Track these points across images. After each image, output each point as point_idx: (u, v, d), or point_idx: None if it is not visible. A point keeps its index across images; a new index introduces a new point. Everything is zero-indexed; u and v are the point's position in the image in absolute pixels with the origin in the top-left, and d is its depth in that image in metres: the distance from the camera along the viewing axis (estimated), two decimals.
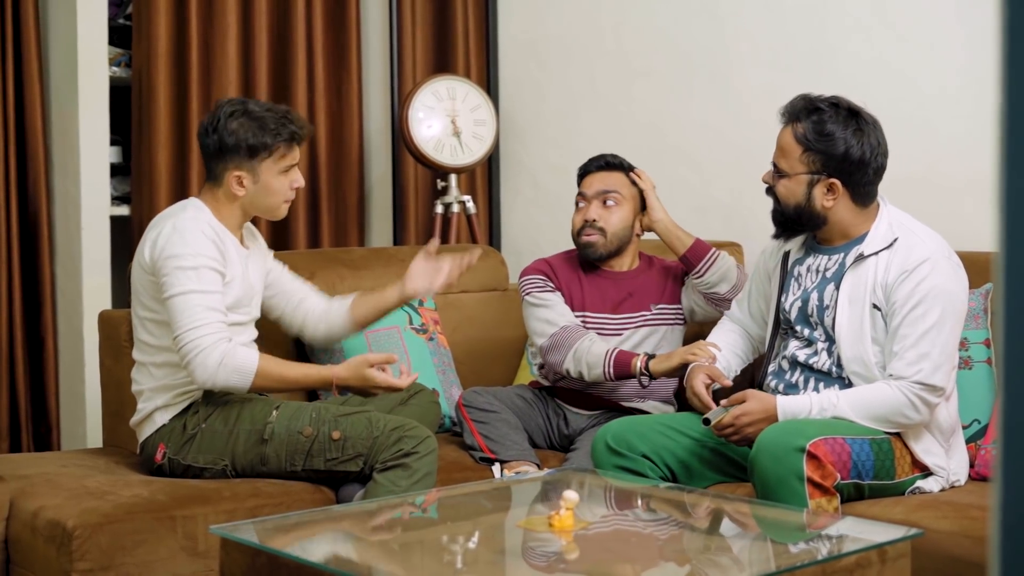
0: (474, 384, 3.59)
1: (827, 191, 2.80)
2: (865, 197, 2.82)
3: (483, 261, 3.98)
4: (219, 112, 2.98)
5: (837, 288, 2.82)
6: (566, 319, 3.33)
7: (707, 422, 2.78)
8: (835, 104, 2.80)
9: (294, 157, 3.02)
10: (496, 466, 3.20)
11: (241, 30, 4.24)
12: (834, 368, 2.82)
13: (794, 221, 2.85)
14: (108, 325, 3.33)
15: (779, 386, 2.89)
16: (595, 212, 3.37)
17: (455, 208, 4.32)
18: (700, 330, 3.45)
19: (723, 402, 2.82)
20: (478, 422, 3.29)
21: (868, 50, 3.58)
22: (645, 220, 3.42)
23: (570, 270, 3.45)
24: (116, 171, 4.28)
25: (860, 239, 2.83)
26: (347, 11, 4.48)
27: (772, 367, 2.96)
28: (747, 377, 3.22)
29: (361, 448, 2.86)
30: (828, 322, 2.83)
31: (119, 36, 4.29)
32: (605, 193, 3.38)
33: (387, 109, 4.59)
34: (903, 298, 2.72)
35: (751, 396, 2.79)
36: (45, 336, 4.02)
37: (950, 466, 2.78)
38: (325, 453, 2.89)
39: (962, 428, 2.88)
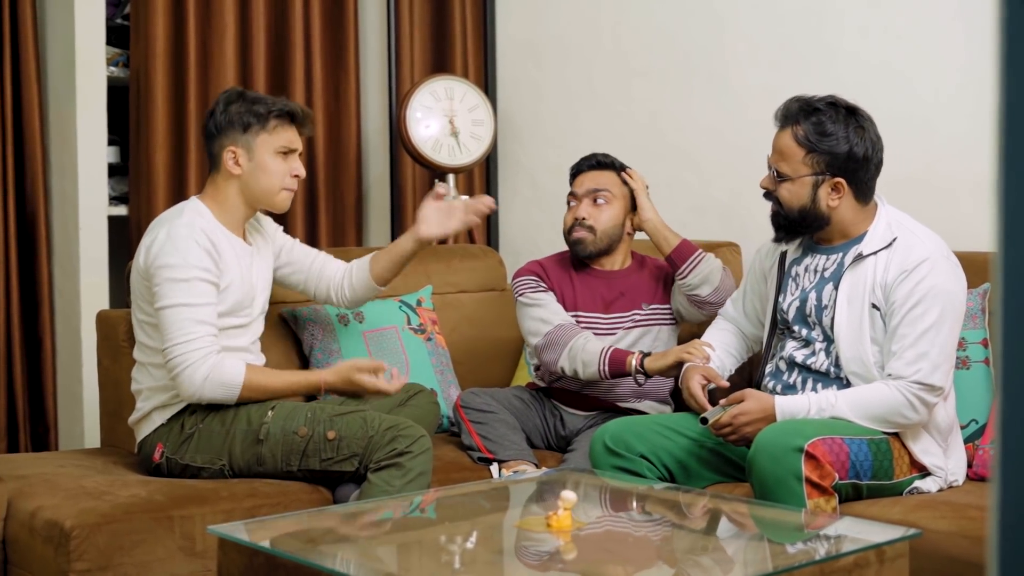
0: (472, 384, 3.59)
1: (832, 191, 2.80)
2: (867, 193, 2.83)
3: (481, 261, 3.98)
4: (221, 98, 3.06)
5: (836, 288, 2.82)
6: (560, 317, 3.34)
7: (704, 422, 2.78)
8: (832, 104, 2.80)
9: (290, 140, 3.05)
10: (494, 466, 3.20)
11: (239, 30, 4.24)
12: (832, 368, 2.82)
13: (797, 223, 2.85)
14: (106, 325, 3.33)
15: (776, 387, 2.89)
16: (585, 211, 3.39)
17: None
18: (696, 330, 3.45)
19: (722, 401, 2.82)
20: (476, 423, 3.29)
21: (867, 50, 3.58)
22: (636, 220, 3.43)
23: (561, 270, 3.46)
24: (114, 171, 4.28)
25: (859, 239, 2.83)
26: (345, 11, 4.47)
27: (769, 368, 2.96)
28: (745, 378, 3.21)
29: (356, 448, 2.86)
30: (827, 322, 2.83)
31: (117, 36, 4.29)
32: (595, 192, 3.40)
33: (385, 109, 4.59)
34: (902, 298, 2.72)
35: (749, 396, 2.79)
36: (43, 336, 4.02)
37: (948, 466, 2.78)
38: (320, 453, 2.89)
39: (960, 428, 2.88)
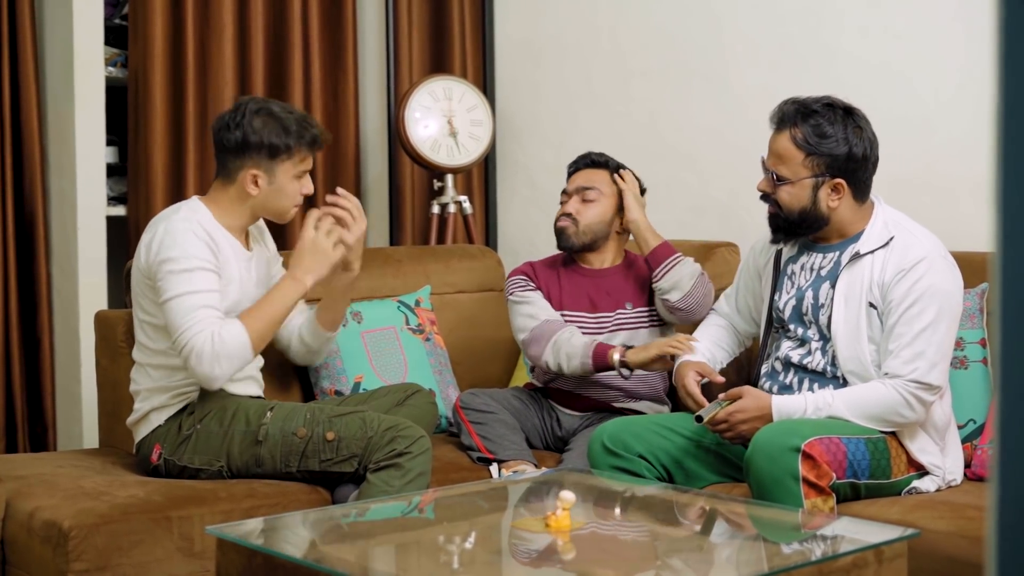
0: (471, 384, 3.59)
1: (831, 192, 2.79)
2: (865, 192, 2.83)
3: (479, 261, 3.98)
4: (243, 108, 2.96)
5: (833, 287, 2.82)
6: (547, 313, 3.36)
7: (699, 419, 2.78)
8: (829, 105, 2.80)
9: (309, 164, 3.03)
10: (494, 466, 3.20)
11: (237, 30, 4.24)
12: (828, 368, 2.82)
13: (797, 225, 2.84)
14: (104, 325, 3.32)
15: (773, 387, 2.89)
16: (573, 207, 3.42)
17: (451, 208, 4.32)
18: (692, 330, 3.44)
19: (720, 396, 2.82)
20: (476, 423, 3.30)
21: (865, 50, 3.58)
22: (623, 220, 3.43)
23: (550, 270, 3.49)
24: (112, 171, 4.28)
25: (855, 237, 2.83)
26: (343, 11, 4.47)
27: (765, 368, 2.96)
28: (743, 378, 3.21)
29: (355, 448, 2.86)
30: (823, 321, 2.83)
31: (115, 36, 4.29)
32: (584, 189, 3.42)
33: (383, 109, 4.59)
34: (900, 297, 2.72)
35: (747, 393, 2.79)
36: (41, 336, 4.02)
37: (945, 464, 2.78)
38: (319, 454, 2.89)
39: (958, 428, 2.88)
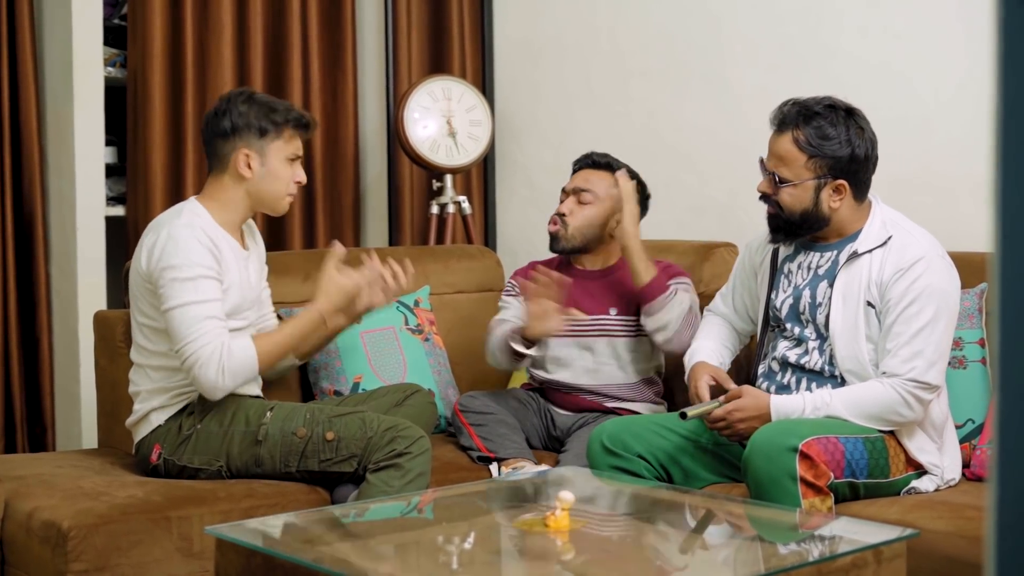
0: (470, 384, 3.60)
1: (833, 192, 2.79)
2: (865, 192, 2.84)
3: (478, 261, 3.98)
4: (229, 97, 3.04)
5: (831, 286, 2.82)
6: (510, 315, 3.40)
7: (683, 415, 2.76)
8: (831, 106, 2.79)
9: (299, 147, 3.06)
10: (494, 465, 3.20)
11: (236, 30, 4.24)
12: (826, 367, 2.82)
13: (798, 226, 2.84)
14: (103, 325, 3.32)
15: (770, 388, 2.89)
16: (567, 207, 3.41)
17: (451, 208, 4.32)
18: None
19: (721, 398, 2.82)
20: (476, 425, 3.30)
21: (864, 50, 3.58)
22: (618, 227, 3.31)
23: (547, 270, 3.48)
24: (111, 171, 4.28)
25: (853, 236, 2.83)
26: (342, 11, 4.47)
27: (762, 368, 2.96)
28: (741, 378, 3.21)
29: (355, 449, 2.86)
30: (821, 320, 2.83)
31: (114, 36, 4.29)
32: (581, 191, 3.41)
33: (383, 109, 4.59)
34: (898, 296, 2.72)
35: (746, 392, 2.78)
36: (40, 336, 4.02)
37: (943, 463, 2.78)
38: (319, 454, 2.89)
39: (956, 428, 2.88)
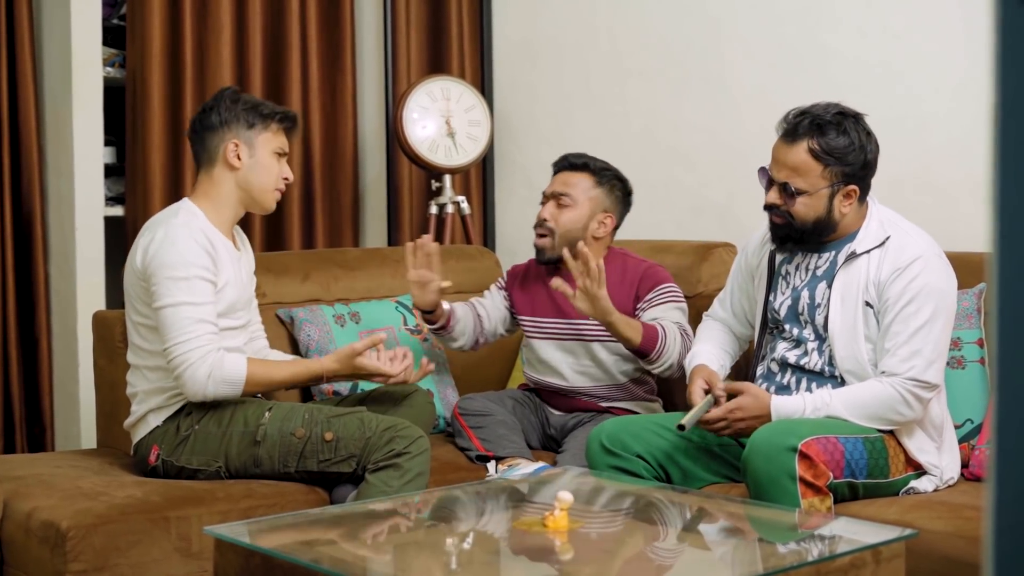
0: (469, 384, 3.60)
1: (844, 198, 2.79)
2: (867, 192, 2.83)
3: (477, 262, 3.98)
4: (216, 95, 3.07)
5: (829, 286, 2.82)
6: (482, 309, 3.48)
7: (681, 428, 2.75)
8: (841, 113, 2.78)
9: (285, 144, 3.08)
10: (491, 463, 3.19)
11: (235, 30, 4.24)
12: (826, 367, 2.82)
13: (809, 234, 2.82)
14: (102, 326, 3.32)
15: (770, 388, 2.88)
16: (548, 212, 3.38)
17: (449, 208, 4.32)
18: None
19: (710, 397, 2.80)
20: (475, 427, 3.30)
21: (863, 51, 3.58)
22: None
23: (531, 273, 3.50)
24: (110, 171, 4.28)
25: (851, 237, 2.83)
26: (341, 11, 4.47)
27: (761, 369, 2.95)
28: (741, 380, 3.20)
29: (354, 449, 2.86)
30: (820, 321, 2.83)
31: (113, 36, 4.28)
32: (559, 195, 3.38)
33: (381, 109, 4.58)
34: (896, 295, 2.72)
35: (748, 391, 2.78)
36: (39, 337, 4.02)
37: (942, 463, 2.78)
38: (318, 454, 2.89)
39: (955, 428, 2.88)
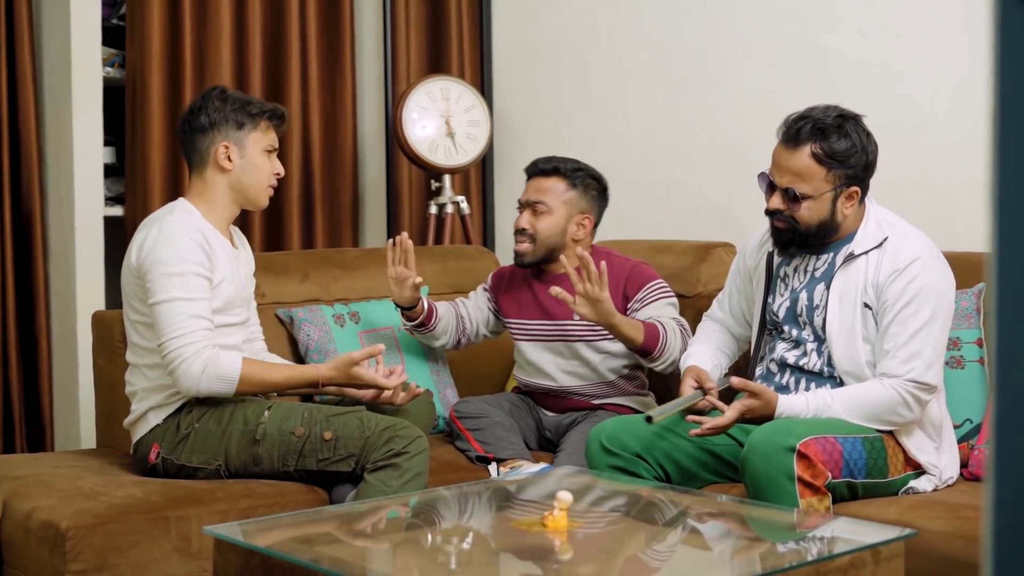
0: (468, 385, 3.61)
1: (846, 200, 2.79)
2: (867, 192, 2.84)
3: (477, 262, 3.98)
4: (204, 94, 3.06)
5: (827, 288, 2.82)
6: (463, 309, 3.50)
7: (649, 419, 2.72)
8: (842, 116, 2.78)
9: (274, 140, 3.08)
10: (492, 465, 3.20)
11: (235, 30, 4.24)
12: (825, 368, 2.82)
13: (813, 237, 2.81)
14: (101, 325, 3.33)
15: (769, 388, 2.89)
16: (525, 220, 3.37)
17: (449, 209, 4.32)
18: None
19: (724, 396, 2.80)
20: (473, 429, 3.30)
21: (863, 51, 3.58)
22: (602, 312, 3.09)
23: (516, 276, 3.48)
24: (110, 171, 4.28)
25: (849, 238, 2.83)
26: (341, 11, 4.47)
27: (760, 370, 2.95)
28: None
29: (353, 448, 2.86)
30: (818, 322, 2.83)
31: (113, 36, 4.28)
32: (534, 203, 3.36)
33: (381, 110, 4.59)
34: (894, 297, 2.72)
35: (761, 393, 2.74)
36: (39, 336, 4.02)
37: (941, 463, 2.78)
38: (317, 453, 2.89)
39: (954, 428, 2.88)
